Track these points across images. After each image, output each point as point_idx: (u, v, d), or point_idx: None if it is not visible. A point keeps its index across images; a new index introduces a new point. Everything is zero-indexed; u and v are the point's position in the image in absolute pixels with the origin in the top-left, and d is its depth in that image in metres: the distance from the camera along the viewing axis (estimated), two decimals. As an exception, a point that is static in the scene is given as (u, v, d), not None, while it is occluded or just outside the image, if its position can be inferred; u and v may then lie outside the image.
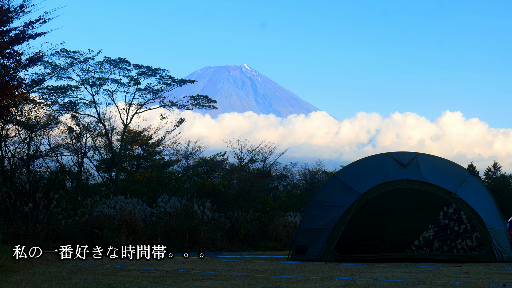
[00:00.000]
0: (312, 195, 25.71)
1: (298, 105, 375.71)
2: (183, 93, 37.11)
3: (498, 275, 11.49)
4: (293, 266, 13.60)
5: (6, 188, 18.16)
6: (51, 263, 12.78)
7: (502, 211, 18.92)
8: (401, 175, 16.40)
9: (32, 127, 23.39)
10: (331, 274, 11.51)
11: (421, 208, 17.47)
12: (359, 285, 9.58)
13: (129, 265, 12.72)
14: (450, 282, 9.98)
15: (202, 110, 35.80)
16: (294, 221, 26.15)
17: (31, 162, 23.11)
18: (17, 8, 16.05)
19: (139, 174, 29.07)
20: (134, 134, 33.51)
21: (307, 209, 17.59)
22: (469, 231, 16.13)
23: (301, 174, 42.41)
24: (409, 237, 17.76)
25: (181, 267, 12.62)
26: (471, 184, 16.68)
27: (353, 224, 17.23)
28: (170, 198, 22.69)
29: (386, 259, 16.06)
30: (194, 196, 23.10)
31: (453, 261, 15.49)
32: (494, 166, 50.11)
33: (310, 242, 16.34)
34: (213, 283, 9.77)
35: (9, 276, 10.30)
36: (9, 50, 16.11)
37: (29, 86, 20.88)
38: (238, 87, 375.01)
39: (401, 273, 11.88)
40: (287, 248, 22.43)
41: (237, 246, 22.52)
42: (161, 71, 32.64)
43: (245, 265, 13.61)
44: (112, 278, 10.19)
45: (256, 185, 25.37)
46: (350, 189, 16.48)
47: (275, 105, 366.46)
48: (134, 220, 19.77)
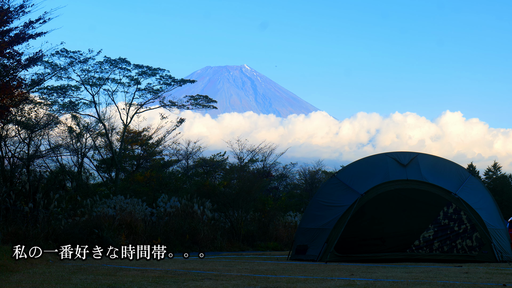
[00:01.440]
0: (312, 195, 25.71)
1: (298, 105, 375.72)
2: (183, 93, 37.10)
3: (498, 275, 11.49)
4: (293, 266, 13.60)
5: (6, 188, 18.16)
6: (51, 263, 12.78)
7: (502, 211, 18.92)
8: (401, 175, 16.40)
9: (32, 127, 23.38)
10: (331, 274, 11.51)
11: (421, 208, 17.46)
12: (359, 285, 9.58)
13: (129, 265, 12.72)
14: (450, 282, 9.98)
15: (202, 110, 35.81)
16: (294, 221, 26.15)
17: (31, 162, 23.11)
18: (17, 8, 16.06)
19: (139, 174, 29.07)
20: (134, 134, 33.51)
21: (307, 209, 17.59)
22: (469, 231, 16.12)
23: (301, 174, 42.41)
24: (409, 237, 17.75)
25: (181, 267, 12.62)
26: (471, 184, 16.68)
27: (353, 224, 17.22)
28: (170, 198, 22.69)
29: (386, 259, 16.05)
30: (194, 196, 23.10)
31: (453, 261, 15.50)
32: (494, 166, 50.11)
33: (310, 242, 16.34)
34: (213, 283, 9.77)
35: (9, 276, 10.30)
36: (9, 50, 16.11)
37: (29, 86, 20.88)
38: (238, 87, 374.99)
39: (401, 273, 11.88)
40: (287, 248, 22.43)
41: (237, 246, 22.52)
42: (161, 71, 32.66)
43: (245, 265, 13.61)
44: (112, 278, 10.19)
45: (256, 185, 25.37)
46: (350, 189, 16.49)
47: (275, 105, 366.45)
48: (134, 220, 19.77)
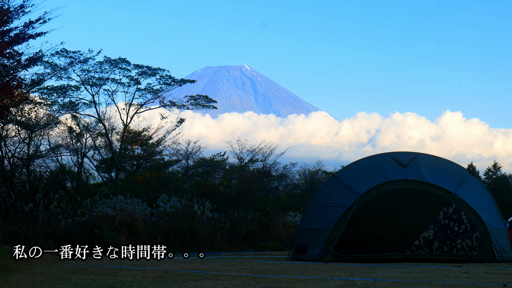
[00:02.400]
0: (312, 195, 25.71)
1: (298, 105, 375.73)
2: (183, 93, 37.10)
3: (498, 275, 11.49)
4: (293, 266, 13.60)
5: (6, 188, 18.17)
6: (51, 263, 12.78)
7: (502, 211, 18.92)
8: (401, 175, 16.40)
9: (32, 127, 23.38)
10: (331, 274, 11.51)
11: (421, 208, 17.46)
12: (359, 285, 9.58)
13: (129, 265, 12.72)
14: (450, 282, 9.99)
15: (202, 110, 35.80)
16: (294, 221, 26.14)
17: (31, 162, 23.11)
18: (17, 8, 16.05)
19: (139, 174, 29.07)
20: (134, 134, 33.51)
21: (307, 209, 17.59)
22: (469, 231, 16.13)
23: (301, 174, 42.41)
24: (409, 237, 17.75)
25: (181, 267, 12.62)
26: (471, 184, 16.68)
27: (353, 224, 17.22)
28: (170, 198, 22.69)
29: (386, 259, 16.06)
30: (194, 196, 23.10)
31: (453, 261, 15.50)
32: (494, 166, 50.11)
33: (310, 242, 16.35)
34: (213, 283, 9.77)
35: (9, 276, 10.30)
36: (9, 50, 16.10)
37: (29, 86, 20.87)
38: (238, 87, 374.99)
39: (401, 273, 11.88)
40: (287, 248, 22.43)
41: (237, 246, 22.52)
42: (161, 71, 32.65)
43: (245, 265, 13.61)
44: (112, 278, 10.19)
45: (256, 185, 25.37)
46: (350, 189, 16.49)
47: (275, 105, 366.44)
48: (134, 220, 19.77)
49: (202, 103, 34.41)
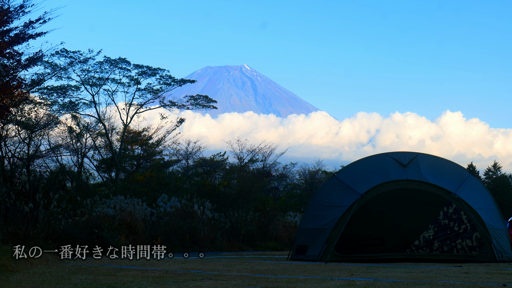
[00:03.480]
0: (312, 195, 25.71)
1: (298, 105, 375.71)
2: (183, 93, 37.09)
3: (498, 275, 11.49)
4: (293, 266, 13.60)
5: (6, 188, 18.17)
6: (51, 263, 12.77)
7: (502, 211, 18.92)
8: (401, 175, 16.40)
9: (32, 127, 23.38)
10: (331, 274, 11.51)
11: (421, 208, 17.47)
12: (359, 285, 9.58)
13: (129, 265, 12.71)
14: (450, 282, 9.99)
15: (202, 110, 35.80)
16: (294, 221, 26.14)
17: (31, 162, 23.11)
18: (17, 8, 16.06)
19: (139, 174, 29.07)
20: (134, 134, 33.51)
21: (307, 209, 17.59)
22: (469, 231, 16.13)
23: (301, 174, 42.42)
24: (409, 237, 17.75)
25: (181, 267, 12.61)
26: (471, 184, 16.68)
27: (353, 224, 17.22)
28: (170, 198, 22.70)
29: (386, 259, 16.06)
30: (194, 196, 23.10)
31: (453, 261, 15.50)
32: (494, 166, 50.12)
33: (310, 242, 16.35)
34: (213, 283, 9.77)
35: (9, 276, 10.30)
36: (9, 50, 16.11)
37: (29, 86, 20.87)
38: (238, 87, 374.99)
39: (401, 273, 11.88)
40: (287, 248, 22.43)
41: (237, 246, 22.51)
42: (161, 71, 32.65)
43: (245, 265, 13.61)
44: (112, 278, 10.19)
45: (256, 185, 25.37)
46: (350, 189, 16.49)
47: (275, 105, 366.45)
48: (134, 220, 19.77)
49: (202, 103, 34.41)
